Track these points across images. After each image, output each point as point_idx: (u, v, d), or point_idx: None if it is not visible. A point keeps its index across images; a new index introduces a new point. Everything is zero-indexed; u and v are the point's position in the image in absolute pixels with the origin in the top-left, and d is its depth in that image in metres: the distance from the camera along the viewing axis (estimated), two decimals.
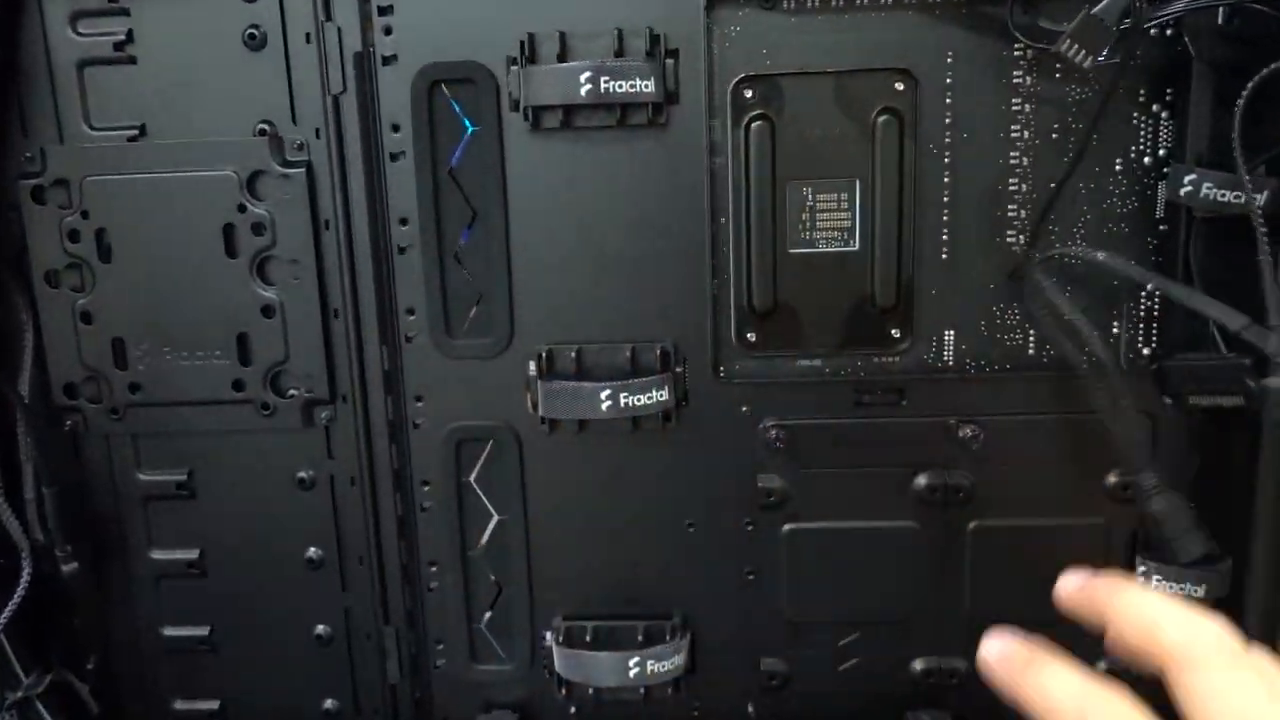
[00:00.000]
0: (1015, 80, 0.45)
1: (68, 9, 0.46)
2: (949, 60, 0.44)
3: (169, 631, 0.52)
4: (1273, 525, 0.45)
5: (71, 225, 0.47)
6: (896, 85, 0.45)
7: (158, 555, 0.51)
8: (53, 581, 0.50)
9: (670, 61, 0.44)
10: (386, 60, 0.45)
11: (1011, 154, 0.45)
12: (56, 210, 0.47)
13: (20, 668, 0.50)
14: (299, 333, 0.48)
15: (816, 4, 0.44)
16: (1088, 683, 0.30)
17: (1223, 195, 0.42)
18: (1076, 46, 0.38)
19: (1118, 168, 0.45)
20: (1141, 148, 0.45)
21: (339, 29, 0.45)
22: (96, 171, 0.47)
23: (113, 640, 0.52)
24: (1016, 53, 0.44)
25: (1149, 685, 0.29)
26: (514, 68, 0.44)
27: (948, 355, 0.47)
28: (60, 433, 0.50)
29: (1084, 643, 0.49)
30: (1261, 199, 0.42)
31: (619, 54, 0.44)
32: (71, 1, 0.46)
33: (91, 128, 0.47)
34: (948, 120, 0.45)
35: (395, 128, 0.46)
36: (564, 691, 0.50)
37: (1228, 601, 0.46)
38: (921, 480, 0.48)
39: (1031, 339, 0.47)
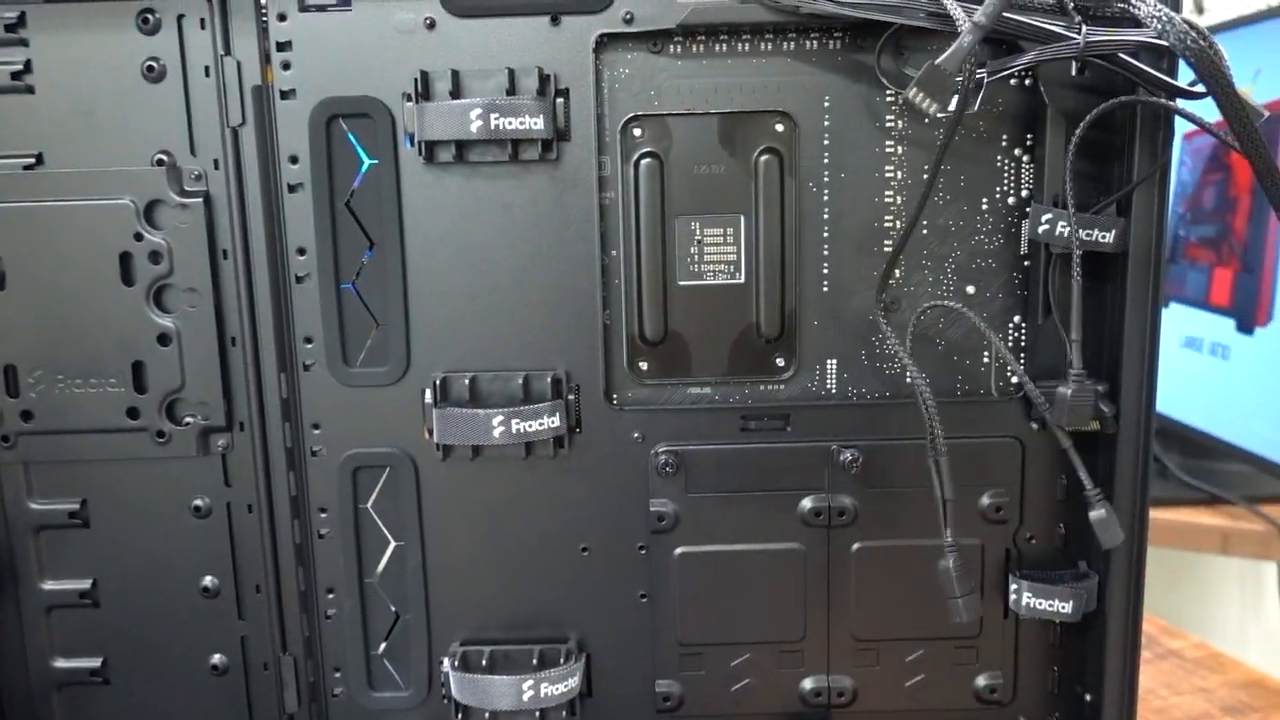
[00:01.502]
0: (888, 123, 0.47)
1: None
2: (826, 104, 0.47)
3: (60, 663, 0.51)
4: (1128, 542, 0.47)
5: None
6: (777, 126, 0.47)
7: (49, 585, 0.51)
8: None
9: (560, 100, 0.46)
10: (285, 94, 0.47)
11: (886, 192, 0.48)
12: None
13: None
14: (196, 361, 0.48)
15: (701, 49, 0.47)
16: None
17: (1077, 234, 0.45)
18: (922, 95, 0.41)
19: (984, 207, 0.48)
20: (1005, 189, 0.48)
21: (238, 63, 0.46)
22: None
23: (3, 673, 0.51)
24: (889, 97, 0.47)
25: None
26: (408, 104, 0.46)
27: (830, 383, 0.49)
28: None
29: (960, 655, 0.51)
30: (1110, 236, 0.45)
31: (510, 92, 0.46)
32: None
33: None
34: (825, 160, 0.47)
35: (294, 159, 0.47)
36: (460, 718, 0.50)
37: (1094, 618, 0.49)
38: (806, 503, 0.50)
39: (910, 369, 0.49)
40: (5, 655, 0.51)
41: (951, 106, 0.41)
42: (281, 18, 0.46)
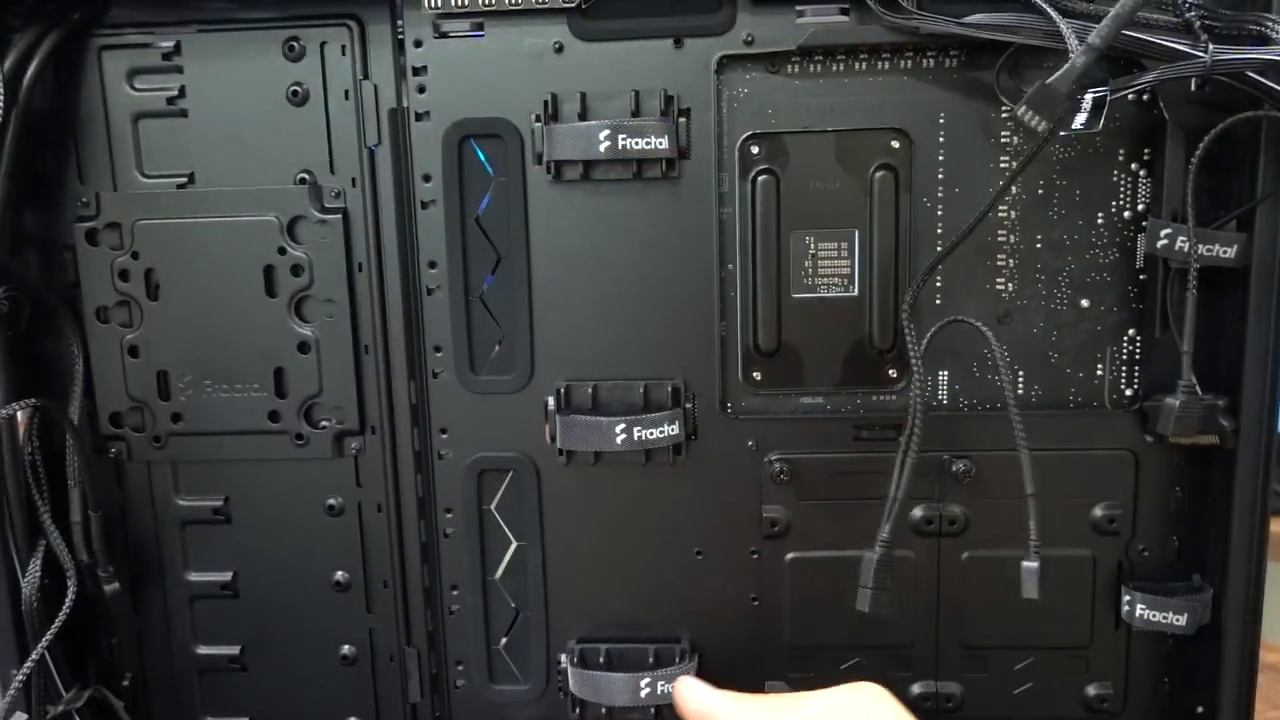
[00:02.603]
0: (1003, 139, 0.48)
1: (126, 66, 0.50)
2: (941, 120, 0.48)
3: (202, 650, 0.55)
4: (1247, 556, 0.47)
5: (122, 265, 0.51)
6: (893, 143, 0.48)
7: (193, 577, 0.54)
8: (94, 601, 0.52)
9: (682, 120, 0.48)
10: (419, 116, 0.49)
11: (1001, 208, 0.49)
12: (108, 251, 0.51)
13: (61, 683, 0.52)
14: (332, 368, 0.51)
15: (818, 69, 0.48)
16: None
17: (1197, 249, 0.46)
18: (1031, 113, 0.42)
19: (1099, 221, 0.48)
20: (1121, 203, 0.48)
21: (375, 86, 0.49)
22: (147, 216, 0.50)
23: (148, 658, 0.55)
24: (1004, 114, 0.48)
25: None
26: (538, 124, 0.48)
27: (941, 394, 0.50)
28: (105, 459, 0.53)
29: (1070, 664, 0.52)
30: (1232, 252, 0.46)
31: (635, 113, 0.48)
32: (130, 59, 0.50)
33: (144, 175, 0.51)
34: (940, 176, 0.48)
35: (426, 178, 0.49)
36: (578, 711, 0.52)
37: (1209, 630, 0.49)
38: (917, 512, 0.51)
39: (1021, 379, 0.50)
40: (152, 641, 0.55)
41: (1076, 124, 0.42)
42: (418, 44, 0.48)
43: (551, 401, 0.50)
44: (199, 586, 0.54)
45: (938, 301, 0.49)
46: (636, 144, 0.47)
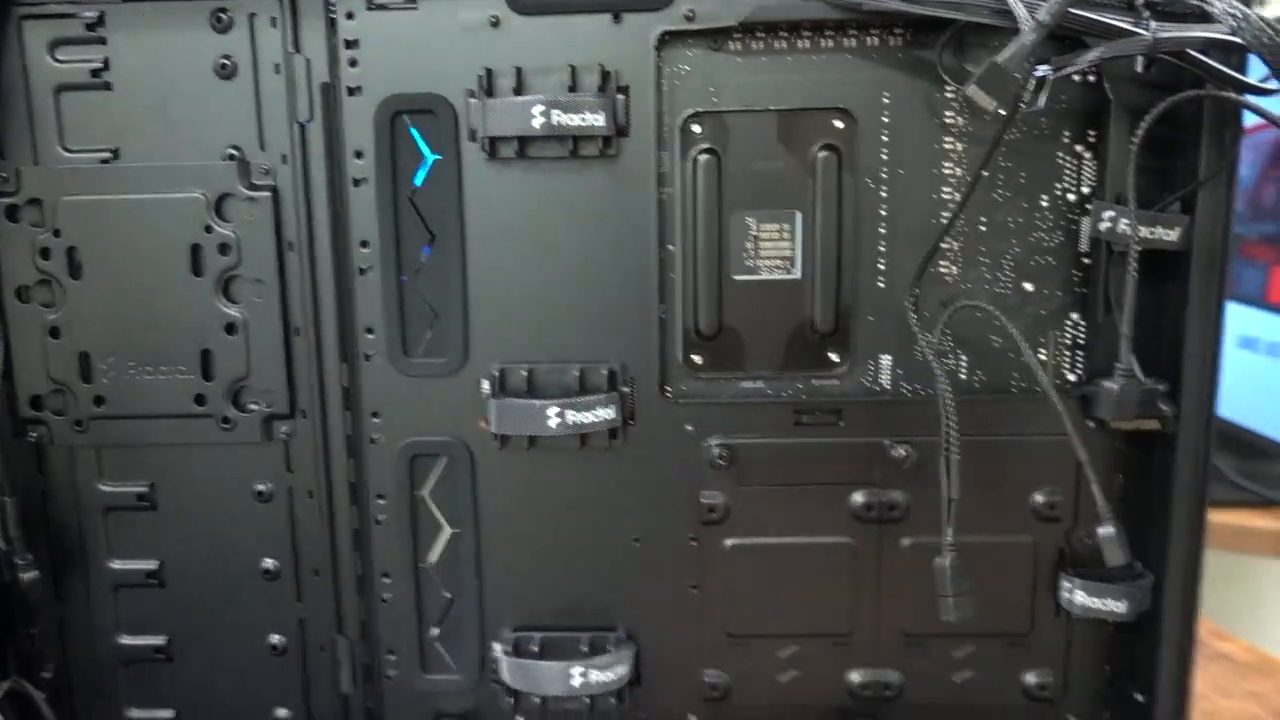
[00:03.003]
0: (948, 120, 0.47)
1: (48, 37, 0.48)
2: (885, 100, 0.47)
3: (126, 640, 0.53)
4: (1186, 542, 0.47)
5: (44, 243, 0.49)
6: (836, 123, 0.47)
7: (117, 565, 0.52)
8: (11, 590, 0.51)
9: (621, 97, 0.47)
10: (352, 91, 0.48)
11: (944, 189, 0.48)
12: (29, 228, 0.49)
13: None
14: (261, 350, 0.50)
15: (761, 46, 0.47)
16: None
17: (1140, 232, 0.45)
18: (982, 92, 0.41)
19: (1044, 204, 0.48)
20: (1066, 185, 0.48)
21: (307, 60, 0.48)
22: (70, 192, 0.49)
23: (70, 649, 0.53)
24: (949, 94, 0.47)
25: None
26: (472, 100, 0.47)
27: (884, 379, 0.49)
28: (25, 443, 0.51)
29: (1010, 652, 0.51)
30: (1174, 234, 0.45)
31: (572, 89, 0.46)
32: (52, 30, 0.48)
33: (66, 150, 0.49)
34: (884, 156, 0.47)
35: (359, 154, 0.48)
36: (511, 701, 0.51)
37: (1149, 617, 0.49)
38: (857, 498, 0.50)
39: (964, 364, 0.49)
40: (74, 631, 0.53)
41: (1038, 103, 0.41)
42: (350, 16, 0.47)
43: (486, 385, 0.49)
44: (123, 575, 0.53)
45: (880, 284, 0.49)
46: (572, 120, 0.46)
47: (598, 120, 0.46)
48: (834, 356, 0.49)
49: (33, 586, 0.50)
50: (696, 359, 0.49)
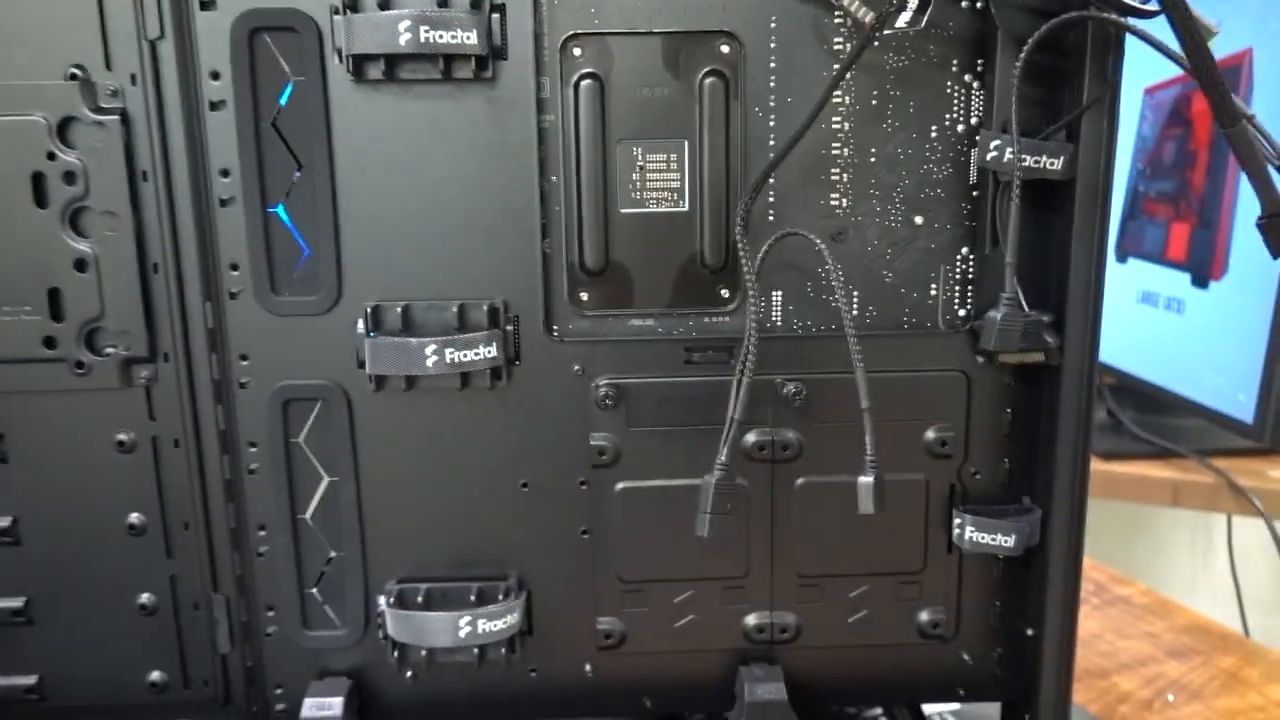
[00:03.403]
0: (836, 46, 0.46)
1: None
2: (773, 24, 0.46)
3: None
4: (1070, 475, 0.47)
5: None
6: (722, 48, 0.46)
7: None
8: None
9: (496, 16, 0.44)
10: (204, 5, 0.44)
11: (834, 119, 0.47)
12: None
13: None
14: (115, 288, 0.46)
15: None
16: None
17: (1024, 160, 0.44)
18: (858, 4, 0.40)
19: (933, 135, 0.47)
20: (955, 116, 0.47)
21: None
22: None
23: None
24: (838, 19, 0.46)
25: None
26: (336, 16, 0.44)
27: (775, 315, 0.48)
28: None
29: (904, 590, 0.51)
30: (1059, 163, 0.45)
31: (443, 4, 0.44)
32: None
33: None
34: (772, 84, 0.46)
35: (215, 75, 0.45)
36: (397, 655, 0.49)
37: (1037, 552, 0.49)
38: (749, 438, 0.49)
39: (856, 300, 0.48)
40: None
41: (902, 20, 0.40)
42: None
43: (360, 324, 0.47)
44: None
45: (770, 218, 0.47)
46: (441, 37, 0.43)
47: (470, 38, 0.43)
48: (724, 292, 0.48)
49: None
50: (583, 296, 0.48)
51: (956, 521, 0.49)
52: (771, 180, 0.47)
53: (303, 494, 0.49)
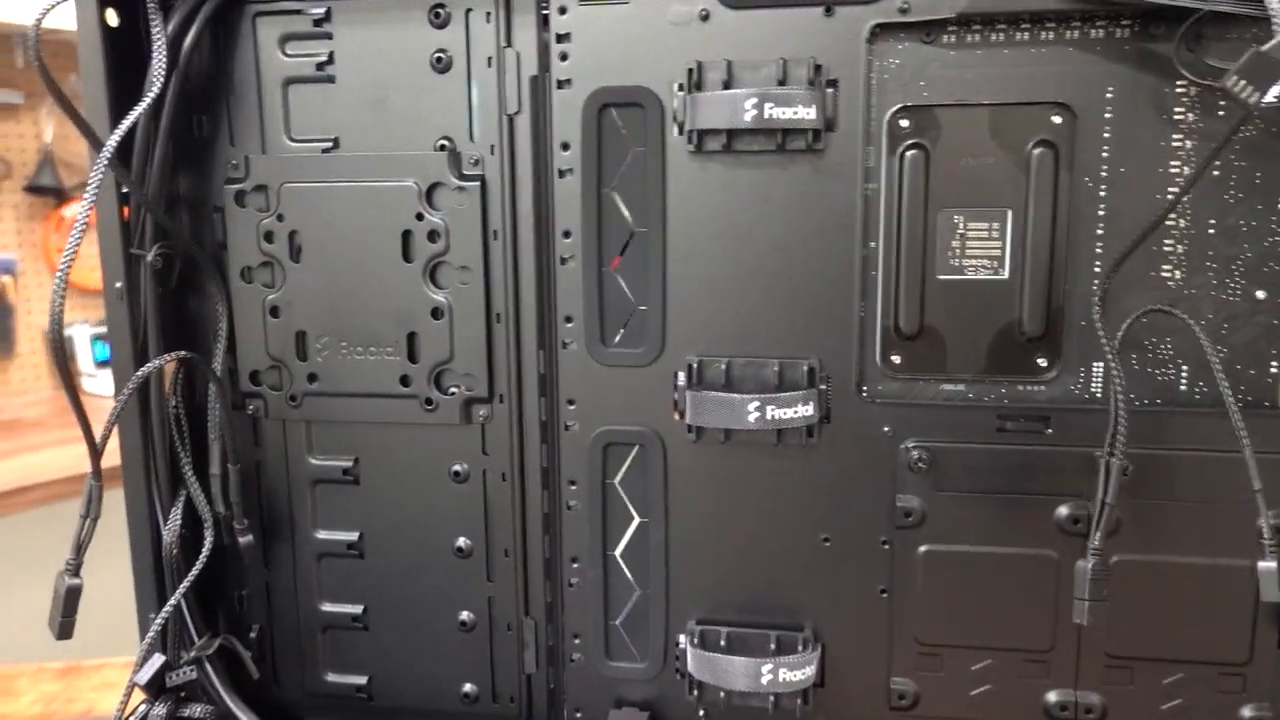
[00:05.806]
0: (1177, 116, 0.45)
1: (279, 32, 0.51)
2: (1109, 94, 0.45)
3: (326, 607, 0.56)
4: None
5: (267, 227, 0.52)
6: (1054, 118, 0.45)
7: (322, 535, 0.55)
8: (228, 553, 0.54)
9: (830, 90, 0.46)
10: (561, 84, 0.49)
11: (1170, 189, 0.45)
12: (255, 213, 0.52)
13: (194, 630, 0.54)
14: (464, 334, 0.51)
15: (976, 39, 0.46)
16: None
17: None
18: (1244, 84, 0.39)
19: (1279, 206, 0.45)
20: None
21: (518, 54, 0.49)
22: (293, 179, 0.52)
23: (275, 612, 0.57)
24: (1179, 89, 0.45)
25: None
26: (680, 93, 0.47)
27: (1095, 387, 0.47)
28: (243, 416, 0.54)
29: (1225, 682, 0.48)
30: None
31: (782, 83, 0.46)
32: (282, 25, 0.51)
33: (291, 139, 0.52)
34: (1105, 154, 0.45)
35: (565, 146, 0.49)
36: (694, 693, 0.51)
37: None
38: (1063, 510, 0.48)
39: (1184, 374, 0.47)
40: (280, 595, 0.56)
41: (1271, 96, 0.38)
42: (562, 10, 0.48)
43: (682, 376, 0.49)
44: (326, 544, 0.55)
45: (1094, 287, 0.46)
46: (783, 114, 0.45)
47: (809, 113, 0.46)
48: (1042, 361, 0.47)
49: (248, 551, 0.54)
50: (896, 358, 0.48)
51: None
52: (1098, 250, 0.46)
53: (614, 532, 0.52)
